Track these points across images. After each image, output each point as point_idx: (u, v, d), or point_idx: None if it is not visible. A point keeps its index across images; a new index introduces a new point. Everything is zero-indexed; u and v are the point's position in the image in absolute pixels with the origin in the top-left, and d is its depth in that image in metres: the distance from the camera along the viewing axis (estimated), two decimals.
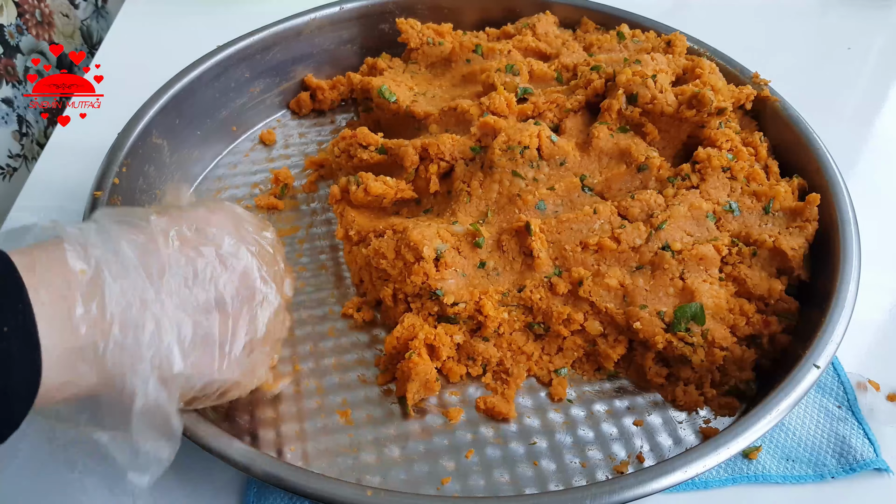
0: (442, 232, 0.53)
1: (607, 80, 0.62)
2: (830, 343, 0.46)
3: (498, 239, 0.54)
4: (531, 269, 0.53)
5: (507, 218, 0.55)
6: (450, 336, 0.51)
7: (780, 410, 0.43)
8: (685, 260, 0.52)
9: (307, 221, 0.64)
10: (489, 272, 0.54)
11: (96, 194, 0.55)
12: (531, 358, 0.52)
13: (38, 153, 0.79)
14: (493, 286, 0.53)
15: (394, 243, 0.53)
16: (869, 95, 0.81)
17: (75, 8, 0.85)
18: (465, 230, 0.54)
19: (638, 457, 0.48)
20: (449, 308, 0.51)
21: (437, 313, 0.52)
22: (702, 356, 0.49)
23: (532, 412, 0.51)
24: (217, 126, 0.70)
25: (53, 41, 0.80)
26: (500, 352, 0.52)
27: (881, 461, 0.48)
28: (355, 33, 0.77)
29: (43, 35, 0.79)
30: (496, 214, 0.56)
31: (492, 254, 0.54)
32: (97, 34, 0.92)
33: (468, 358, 0.52)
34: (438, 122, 0.63)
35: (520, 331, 0.52)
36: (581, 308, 0.51)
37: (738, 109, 0.64)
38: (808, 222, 0.54)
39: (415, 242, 0.51)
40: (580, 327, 0.51)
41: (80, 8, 0.86)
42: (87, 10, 0.88)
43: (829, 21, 0.92)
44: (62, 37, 0.82)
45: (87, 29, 0.89)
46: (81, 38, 0.87)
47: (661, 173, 0.57)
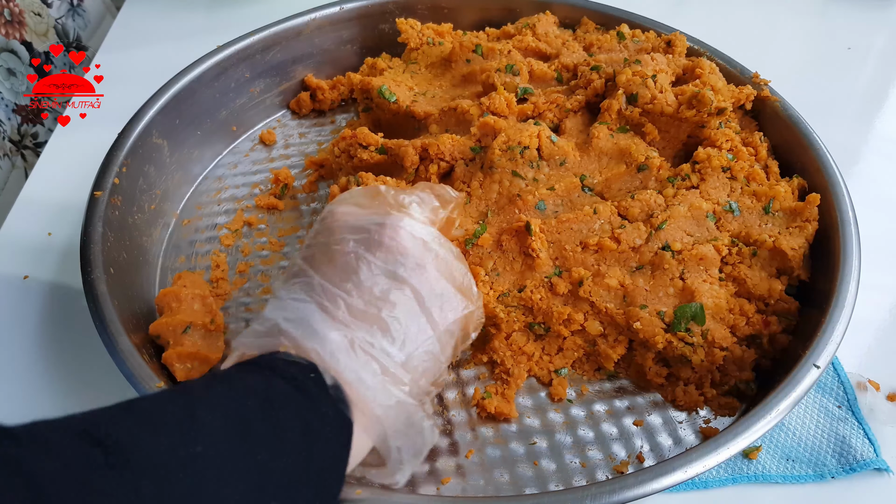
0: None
1: (607, 80, 0.62)
2: (830, 343, 0.46)
3: (498, 239, 0.54)
4: (531, 270, 0.53)
5: (507, 218, 0.55)
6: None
7: (780, 410, 0.43)
8: (685, 260, 0.52)
9: (307, 221, 0.64)
10: (489, 272, 0.54)
11: (96, 194, 0.55)
12: (531, 358, 0.52)
13: (10, 150, 0.79)
14: (494, 286, 0.53)
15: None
16: (869, 95, 0.81)
17: (48, 7, 0.84)
18: (465, 233, 0.54)
19: (638, 457, 0.48)
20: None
21: None
22: (702, 356, 0.49)
23: (532, 412, 0.51)
24: (217, 126, 0.70)
25: (26, 39, 0.80)
26: (501, 352, 0.52)
27: (881, 461, 0.48)
28: (355, 33, 0.77)
29: (13, 34, 0.78)
30: (496, 215, 0.56)
31: (492, 254, 0.54)
32: (74, 32, 0.92)
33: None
34: (438, 122, 0.63)
35: (520, 331, 0.52)
36: (581, 308, 0.51)
37: (738, 109, 0.64)
38: (808, 222, 0.54)
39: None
40: (580, 327, 0.51)
41: (54, 7, 0.86)
42: (61, 8, 0.88)
43: (829, 21, 0.92)
44: (34, 35, 0.82)
45: (62, 27, 0.88)
46: (57, 36, 0.86)
47: (661, 173, 0.57)
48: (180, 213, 0.65)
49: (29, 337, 0.55)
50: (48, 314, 0.57)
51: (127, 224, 0.58)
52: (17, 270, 0.60)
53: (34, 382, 0.53)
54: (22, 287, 0.59)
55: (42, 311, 0.57)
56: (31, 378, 0.53)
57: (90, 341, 0.51)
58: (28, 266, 0.60)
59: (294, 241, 0.63)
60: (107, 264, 0.51)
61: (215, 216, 0.65)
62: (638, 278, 0.52)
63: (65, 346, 0.55)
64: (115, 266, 0.53)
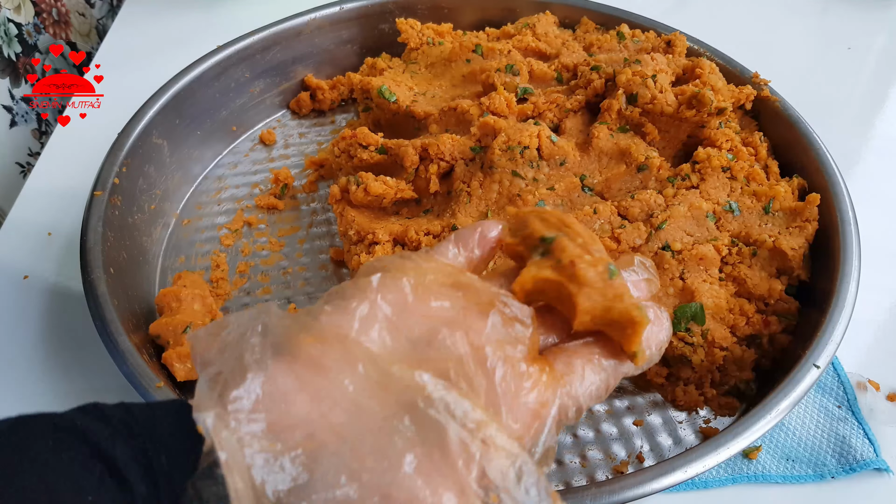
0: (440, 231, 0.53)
1: (607, 80, 0.62)
2: (830, 343, 0.46)
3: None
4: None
5: (507, 218, 0.55)
6: None
7: (780, 410, 0.43)
8: (685, 260, 0.52)
9: (307, 221, 0.64)
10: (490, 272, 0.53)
11: (96, 194, 0.55)
12: None
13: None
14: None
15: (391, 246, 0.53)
16: (869, 95, 0.81)
17: (91, 7, 0.85)
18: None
19: (638, 457, 0.48)
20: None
21: None
22: (702, 356, 0.49)
23: None
24: (217, 126, 0.70)
25: (71, 40, 0.80)
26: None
27: (881, 461, 0.48)
28: (355, 33, 0.77)
29: (60, 34, 0.79)
30: (496, 214, 0.56)
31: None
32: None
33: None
34: (438, 122, 0.63)
35: None
36: None
37: (738, 109, 0.64)
38: (808, 222, 0.54)
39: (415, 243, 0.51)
40: None
41: (96, 7, 0.87)
42: (102, 9, 0.88)
43: (829, 21, 0.92)
44: (78, 36, 0.83)
45: (102, 28, 0.89)
46: (98, 36, 0.87)
47: (661, 173, 0.57)
48: (180, 213, 0.65)
49: (29, 337, 0.55)
50: (48, 314, 0.57)
51: (127, 224, 0.58)
52: (17, 270, 0.60)
53: (34, 382, 0.53)
54: (22, 287, 0.59)
55: (42, 311, 0.57)
56: (31, 378, 0.53)
57: (90, 341, 0.51)
58: (28, 266, 0.60)
59: (294, 241, 0.63)
60: (107, 264, 0.51)
61: (215, 216, 0.65)
62: None
63: (65, 346, 0.55)
64: (115, 266, 0.53)
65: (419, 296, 0.28)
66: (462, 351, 0.26)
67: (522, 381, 0.26)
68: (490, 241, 0.32)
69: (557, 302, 0.30)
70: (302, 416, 0.24)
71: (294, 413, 0.24)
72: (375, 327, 0.26)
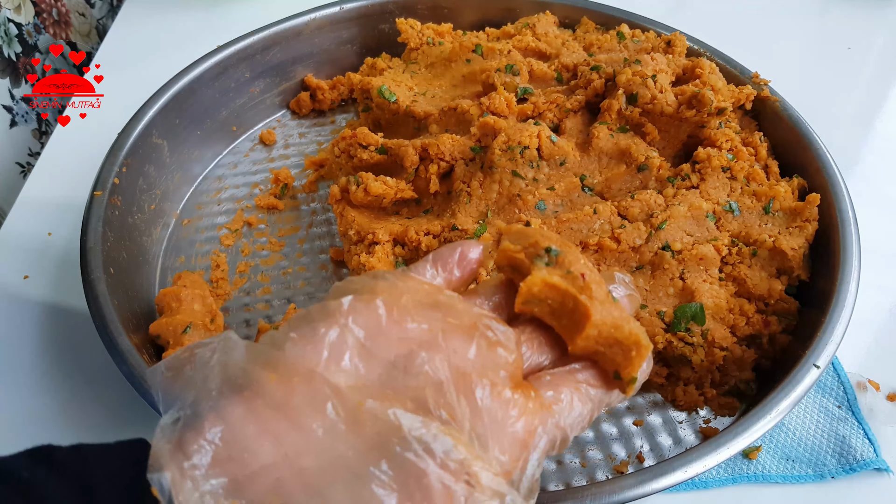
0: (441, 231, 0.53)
1: (607, 80, 0.62)
2: (830, 343, 0.46)
3: (498, 239, 0.54)
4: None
5: (507, 218, 0.55)
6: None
7: (780, 410, 0.43)
8: (685, 260, 0.52)
9: (307, 221, 0.64)
10: (489, 272, 0.54)
11: (96, 194, 0.55)
12: None
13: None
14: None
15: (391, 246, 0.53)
16: (869, 95, 0.81)
17: (91, 7, 0.85)
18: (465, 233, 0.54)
19: (638, 457, 0.48)
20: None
21: None
22: (702, 356, 0.49)
23: None
24: (217, 126, 0.70)
25: (71, 40, 0.81)
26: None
27: (881, 461, 0.48)
28: (355, 33, 0.77)
29: (60, 34, 0.79)
30: (496, 214, 0.56)
31: (492, 254, 0.54)
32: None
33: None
34: (438, 122, 0.63)
35: None
36: None
37: (738, 109, 0.64)
38: (808, 222, 0.54)
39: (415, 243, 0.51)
40: None
41: (96, 7, 0.87)
42: (102, 9, 0.88)
43: (829, 21, 0.92)
44: (78, 36, 0.83)
45: (102, 28, 0.89)
46: (98, 36, 0.87)
47: (661, 173, 0.57)
48: (180, 213, 0.65)
49: (29, 337, 0.55)
50: (48, 314, 0.57)
51: (127, 224, 0.58)
52: (17, 270, 0.60)
53: (34, 383, 0.53)
54: (22, 287, 0.59)
55: (42, 311, 0.57)
56: (32, 378, 0.53)
57: (90, 341, 0.51)
58: (28, 266, 0.60)
59: (294, 241, 0.63)
60: (107, 264, 0.51)
61: (215, 216, 0.65)
62: (638, 278, 0.52)
63: (65, 346, 0.55)
64: (115, 266, 0.53)
65: (395, 317, 0.26)
66: (442, 376, 0.24)
67: (509, 408, 0.25)
68: (471, 262, 0.30)
69: (557, 315, 0.28)
70: (267, 463, 0.22)
71: (257, 461, 0.22)
72: (346, 354, 0.24)
